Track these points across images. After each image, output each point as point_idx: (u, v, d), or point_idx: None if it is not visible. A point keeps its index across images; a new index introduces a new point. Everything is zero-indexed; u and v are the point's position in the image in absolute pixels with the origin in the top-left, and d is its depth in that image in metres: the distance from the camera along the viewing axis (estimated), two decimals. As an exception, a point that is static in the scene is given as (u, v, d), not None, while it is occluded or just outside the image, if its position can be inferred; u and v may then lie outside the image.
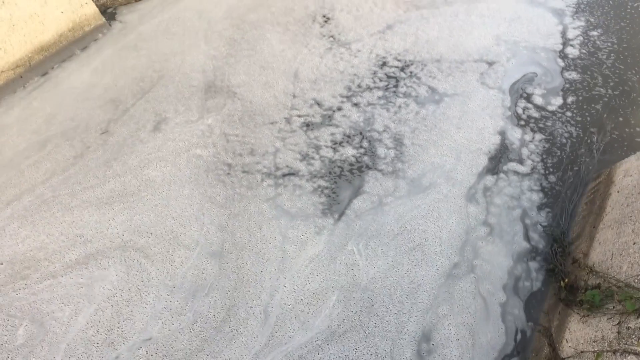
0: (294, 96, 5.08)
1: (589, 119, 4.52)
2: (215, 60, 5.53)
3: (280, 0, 6.31)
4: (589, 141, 4.26)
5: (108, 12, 6.04)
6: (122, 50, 5.71)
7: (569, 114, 4.63)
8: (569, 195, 3.99)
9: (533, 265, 3.65)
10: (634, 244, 3.14)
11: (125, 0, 6.25)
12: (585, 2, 5.90)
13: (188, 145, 4.68)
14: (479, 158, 4.40)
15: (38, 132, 4.89)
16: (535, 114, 4.69)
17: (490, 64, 5.26)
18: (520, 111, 4.73)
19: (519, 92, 4.91)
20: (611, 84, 4.82)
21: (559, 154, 4.28)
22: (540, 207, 3.95)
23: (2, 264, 3.89)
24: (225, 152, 4.60)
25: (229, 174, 4.43)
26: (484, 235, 3.85)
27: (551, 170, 4.19)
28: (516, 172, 4.23)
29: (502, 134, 4.57)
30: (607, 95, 4.69)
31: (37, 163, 4.62)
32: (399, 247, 3.85)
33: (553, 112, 4.68)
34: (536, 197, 4.02)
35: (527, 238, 3.79)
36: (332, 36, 5.70)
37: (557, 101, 4.77)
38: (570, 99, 4.77)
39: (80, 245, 3.96)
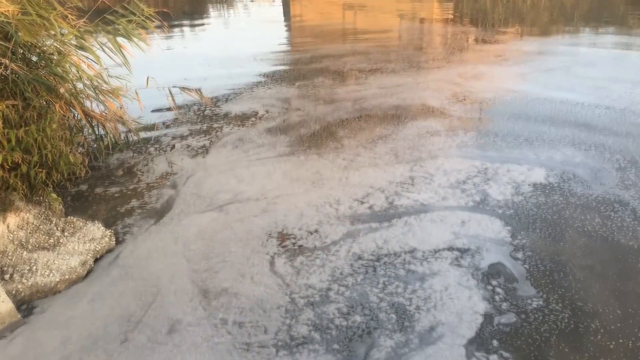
0: (288, 285, 6.24)
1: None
2: (199, 273, 6.62)
3: (240, 224, 7.71)
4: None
5: (23, 308, 6.11)
6: (113, 281, 6.52)
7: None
8: None
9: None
10: None
11: (44, 294, 6.46)
12: (535, 218, 7.55)
13: (205, 337, 5.53)
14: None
15: (55, 353, 5.41)
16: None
17: (461, 251, 6.79)
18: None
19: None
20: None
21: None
22: None
23: None
24: (241, 336, 5.49)
25: (248, 350, 5.27)
26: None
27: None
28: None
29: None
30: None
31: (64, 373, 5.14)
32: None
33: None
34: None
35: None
36: (300, 245, 7.00)
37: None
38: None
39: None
